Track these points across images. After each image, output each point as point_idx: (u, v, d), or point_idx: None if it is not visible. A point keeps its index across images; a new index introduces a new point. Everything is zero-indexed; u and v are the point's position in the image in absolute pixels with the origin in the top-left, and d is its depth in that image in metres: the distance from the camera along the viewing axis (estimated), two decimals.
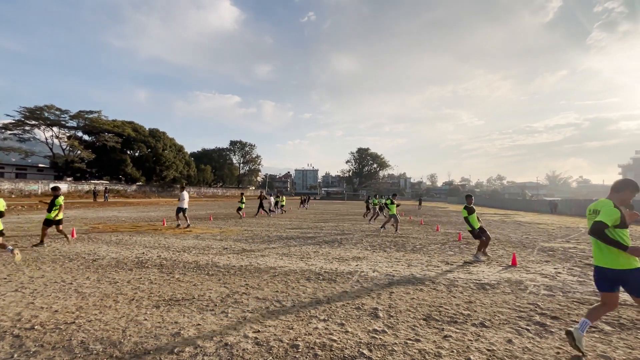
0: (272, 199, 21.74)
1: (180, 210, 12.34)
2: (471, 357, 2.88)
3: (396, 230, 12.61)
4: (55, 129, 45.17)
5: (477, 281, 5.52)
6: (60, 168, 44.80)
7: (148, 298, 4.28)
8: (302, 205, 33.21)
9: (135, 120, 57.56)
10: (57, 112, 44.11)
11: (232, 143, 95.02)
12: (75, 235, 9.32)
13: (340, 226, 14.85)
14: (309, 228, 13.63)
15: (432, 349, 3.02)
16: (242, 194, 19.92)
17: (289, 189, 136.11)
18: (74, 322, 3.43)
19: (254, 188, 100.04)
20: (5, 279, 5.00)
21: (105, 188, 39.89)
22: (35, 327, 3.31)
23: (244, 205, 18.14)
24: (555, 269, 6.62)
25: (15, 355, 2.74)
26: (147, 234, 10.36)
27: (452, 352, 2.98)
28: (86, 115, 46.84)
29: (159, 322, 3.49)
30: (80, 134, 48.93)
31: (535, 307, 4.24)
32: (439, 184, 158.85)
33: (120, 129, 49.96)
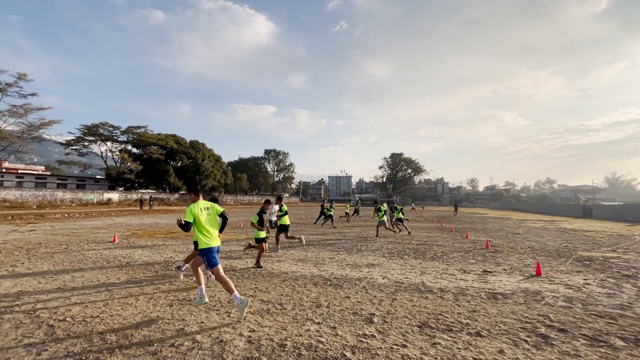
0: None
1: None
2: None
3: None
4: (108, 143, 49.95)
5: (491, 290, 5.32)
6: (114, 179, 49.25)
7: (165, 297, 4.71)
8: (356, 215, 29.05)
9: (179, 133, 61.76)
10: (110, 129, 48.79)
11: (267, 152, 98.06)
12: (116, 240, 10.30)
13: (364, 233, 14.79)
14: (333, 235, 13.75)
15: (415, 355, 3.05)
16: (332, 201, 18.48)
17: (322, 195, 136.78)
18: (98, 316, 3.92)
19: (288, 195, 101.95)
20: (52, 277, 5.76)
21: (150, 197, 43.06)
22: (67, 319, 3.83)
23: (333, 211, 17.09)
24: (584, 279, 6.16)
25: (47, 341, 3.23)
26: (179, 239, 11.14)
27: (436, 358, 2.99)
28: (134, 130, 51.25)
29: (168, 319, 3.86)
30: (129, 147, 53.49)
31: (545, 319, 4.04)
32: (480, 188, 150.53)
33: (164, 142, 53.87)
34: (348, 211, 24.03)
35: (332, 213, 17.05)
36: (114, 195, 44.43)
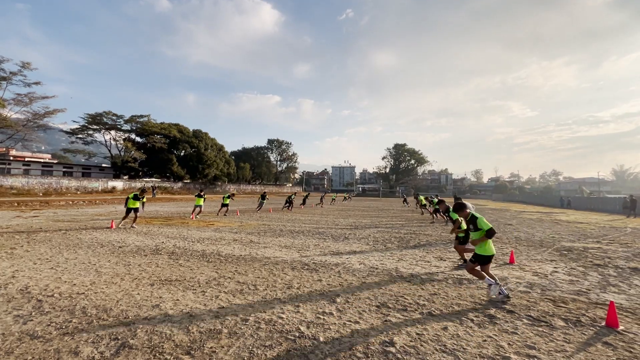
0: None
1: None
2: (395, 338, 3.16)
3: None
4: (112, 132, 50.42)
5: (459, 276, 5.58)
6: (119, 167, 49.97)
7: (148, 278, 5.05)
8: (287, 206, 22.66)
9: (185, 122, 62.21)
10: (114, 117, 49.19)
11: (270, 141, 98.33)
12: (113, 226, 10.72)
13: (358, 222, 15.08)
14: (326, 224, 14.06)
15: (364, 329, 3.34)
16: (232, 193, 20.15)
17: (325, 185, 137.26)
18: (83, 293, 4.26)
19: (290, 185, 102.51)
20: (47, 259, 6.14)
21: (153, 185, 43.73)
22: (55, 295, 4.18)
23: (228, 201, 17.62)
24: (554, 268, 6.38)
25: (33, 313, 3.58)
26: (174, 226, 11.53)
27: (382, 332, 3.28)
28: (138, 119, 51.62)
29: (147, 297, 4.19)
30: (133, 136, 53.95)
31: (498, 302, 4.30)
32: (485, 180, 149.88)
33: (167, 131, 54.23)
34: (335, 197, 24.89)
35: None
36: (119, 184, 45.16)
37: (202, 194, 16.16)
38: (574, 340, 3.21)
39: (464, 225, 4.82)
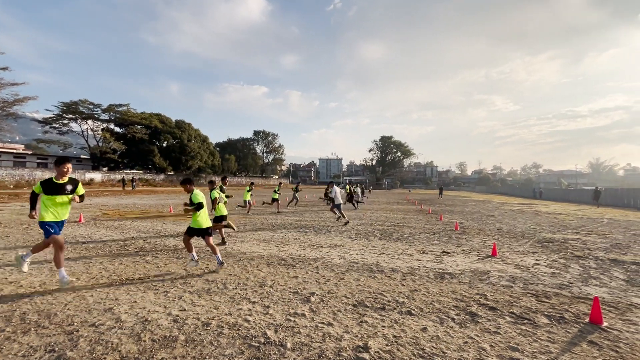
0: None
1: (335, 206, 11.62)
2: (370, 342, 2.90)
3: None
4: (89, 122, 48.28)
5: (441, 270, 5.40)
6: (98, 159, 48.02)
7: (108, 277, 4.62)
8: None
9: (169, 113, 60.29)
10: (91, 106, 47.03)
11: (256, 133, 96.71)
12: (82, 220, 10.09)
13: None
14: (309, 216, 13.76)
15: (337, 333, 3.06)
16: (280, 183, 18.91)
17: (312, 178, 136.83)
18: (29, 297, 3.82)
19: (277, 177, 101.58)
20: None
21: (132, 177, 42.32)
22: None
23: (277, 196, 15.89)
24: (536, 260, 6.30)
25: None
26: (149, 220, 10.98)
27: (356, 336, 3.01)
28: (116, 109, 49.57)
29: (101, 299, 3.79)
30: (112, 126, 51.84)
31: (481, 298, 4.11)
32: (469, 172, 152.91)
33: (148, 121, 52.38)
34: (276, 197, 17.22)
35: (277, 197, 15.90)
36: (97, 176, 43.48)
37: (251, 187, 14.46)
38: (559, 340, 3.03)
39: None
